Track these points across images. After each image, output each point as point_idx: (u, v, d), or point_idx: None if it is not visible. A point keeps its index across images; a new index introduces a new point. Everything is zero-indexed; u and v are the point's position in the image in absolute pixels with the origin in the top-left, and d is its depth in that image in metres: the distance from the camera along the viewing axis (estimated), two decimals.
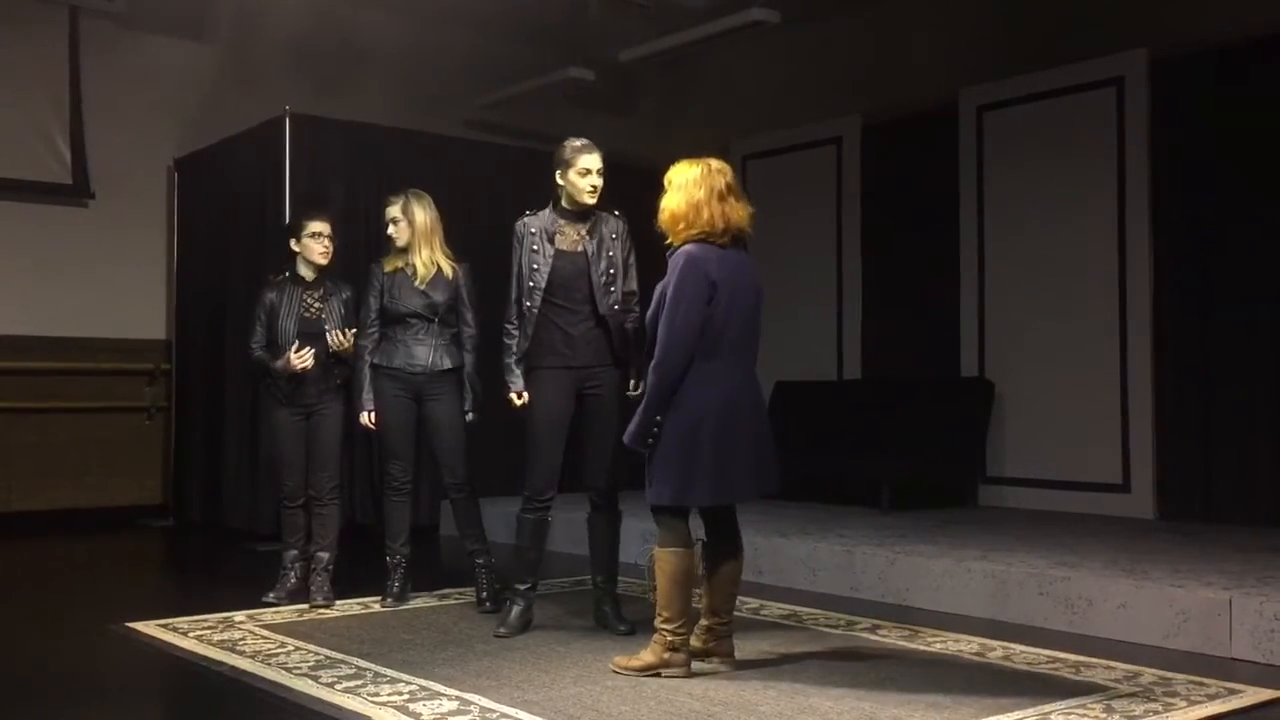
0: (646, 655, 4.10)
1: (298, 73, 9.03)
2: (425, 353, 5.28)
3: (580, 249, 4.74)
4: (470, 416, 5.34)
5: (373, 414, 5.32)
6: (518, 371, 4.77)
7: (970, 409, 8.03)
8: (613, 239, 4.78)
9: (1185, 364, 7.17)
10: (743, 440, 4.08)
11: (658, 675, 4.04)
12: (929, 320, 8.48)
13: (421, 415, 5.34)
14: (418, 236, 5.30)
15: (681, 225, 4.11)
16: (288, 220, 6.72)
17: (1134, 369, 7.33)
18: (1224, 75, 7.06)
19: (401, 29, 9.44)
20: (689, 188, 4.12)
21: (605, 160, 4.76)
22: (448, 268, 5.33)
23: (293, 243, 5.51)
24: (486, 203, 8.12)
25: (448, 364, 5.30)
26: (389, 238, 5.35)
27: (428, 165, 7.71)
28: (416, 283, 5.29)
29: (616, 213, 4.86)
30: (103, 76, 8.57)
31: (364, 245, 7.27)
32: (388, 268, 5.34)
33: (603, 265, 4.73)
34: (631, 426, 4.07)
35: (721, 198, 4.12)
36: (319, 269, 5.47)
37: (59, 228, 8.46)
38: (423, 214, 5.31)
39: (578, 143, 4.75)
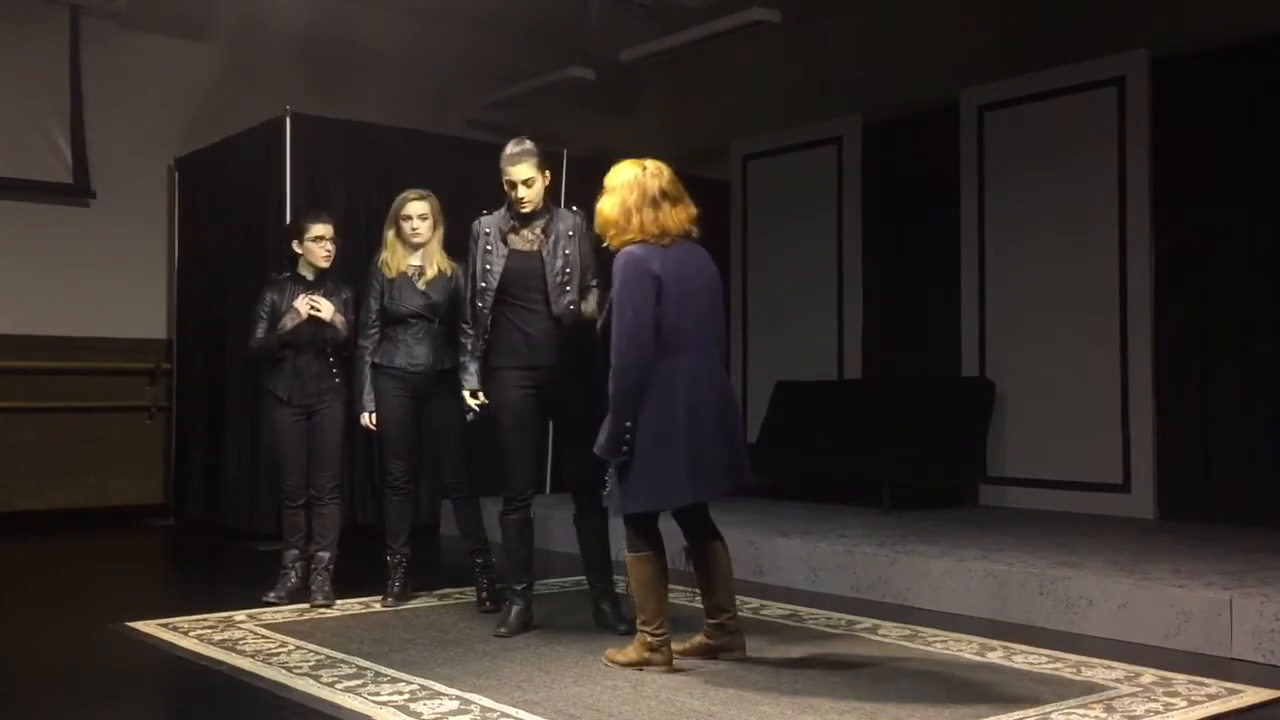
0: (630, 652, 4.14)
1: (299, 72, 9.04)
2: (426, 352, 5.28)
3: (535, 248, 4.73)
4: (470, 415, 5.33)
5: (373, 415, 5.33)
6: (471, 370, 4.82)
7: (971, 408, 8.02)
8: (569, 236, 4.70)
9: (1186, 364, 7.17)
10: (714, 433, 4.03)
11: (641, 670, 4.07)
12: (930, 320, 8.48)
13: (422, 415, 5.34)
14: (435, 236, 5.32)
15: (613, 231, 4.06)
16: (289, 220, 6.74)
17: (1134, 368, 7.33)
18: (1225, 75, 7.06)
19: (403, 29, 9.45)
20: (621, 191, 4.06)
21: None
22: (447, 268, 5.33)
23: (295, 244, 5.52)
24: (487, 203, 8.06)
25: (448, 364, 5.29)
26: (410, 232, 5.29)
27: (429, 165, 7.70)
28: (419, 283, 5.29)
29: (574, 208, 4.81)
30: (104, 76, 8.57)
31: (364, 245, 7.25)
32: (392, 268, 5.32)
33: (558, 264, 4.69)
34: (602, 438, 4.00)
35: (655, 203, 4.04)
36: (320, 270, 5.48)
37: (60, 227, 8.46)
38: (440, 214, 5.34)
39: (508, 150, 4.71)
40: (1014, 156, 7.99)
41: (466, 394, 4.84)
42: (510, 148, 4.72)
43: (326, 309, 5.37)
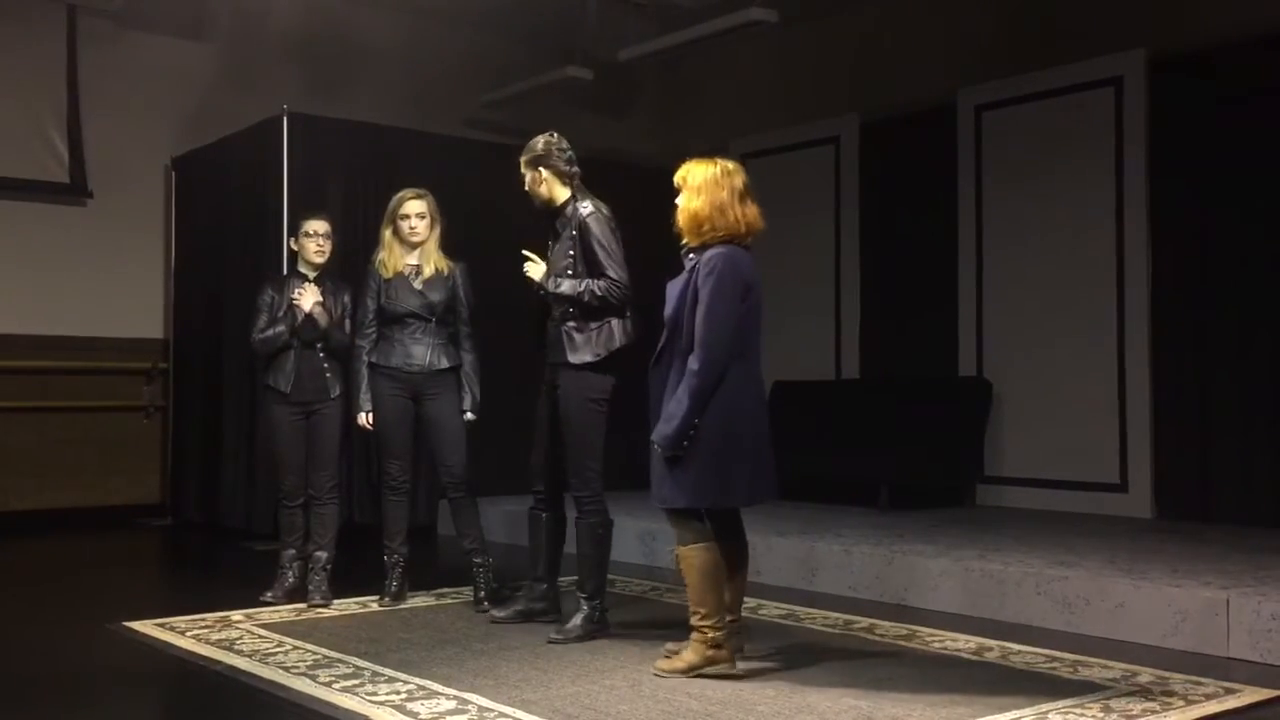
0: (689, 655, 4.05)
1: (296, 71, 9.03)
2: (423, 352, 5.27)
3: (550, 253, 4.80)
4: (468, 416, 5.34)
5: (370, 414, 5.32)
6: None
7: (968, 408, 8.03)
8: (572, 237, 4.70)
9: (1183, 363, 7.18)
10: (766, 442, 4.13)
11: (703, 675, 4.00)
12: (927, 320, 8.48)
13: (419, 414, 5.34)
14: (432, 235, 5.32)
15: (706, 227, 4.06)
16: (286, 220, 6.74)
17: (1131, 368, 7.34)
18: (1222, 75, 7.06)
19: (400, 28, 9.44)
20: (711, 189, 4.07)
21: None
22: (444, 267, 5.33)
23: (291, 241, 5.54)
24: (485, 202, 8.11)
25: (445, 363, 5.30)
26: (408, 231, 5.29)
27: (426, 164, 7.69)
28: (416, 283, 5.29)
29: (584, 204, 4.74)
30: (101, 75, 8.56)
31: (361, 244, 7.25)
32: (389, 268, 5.32)
33: (561, 265, 4.69)
34: (668, 429, 3.97)
35: (742, 199, 4.10)
36: (318, 267, 5.48)
37: (57, 226, 8.45)
38: (437, 213, 5.34)
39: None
40: (1011, 156, 8.00)
41: None
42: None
43: (306, 300, 5.36)
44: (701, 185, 4.09)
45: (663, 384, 4.08)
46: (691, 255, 4.11)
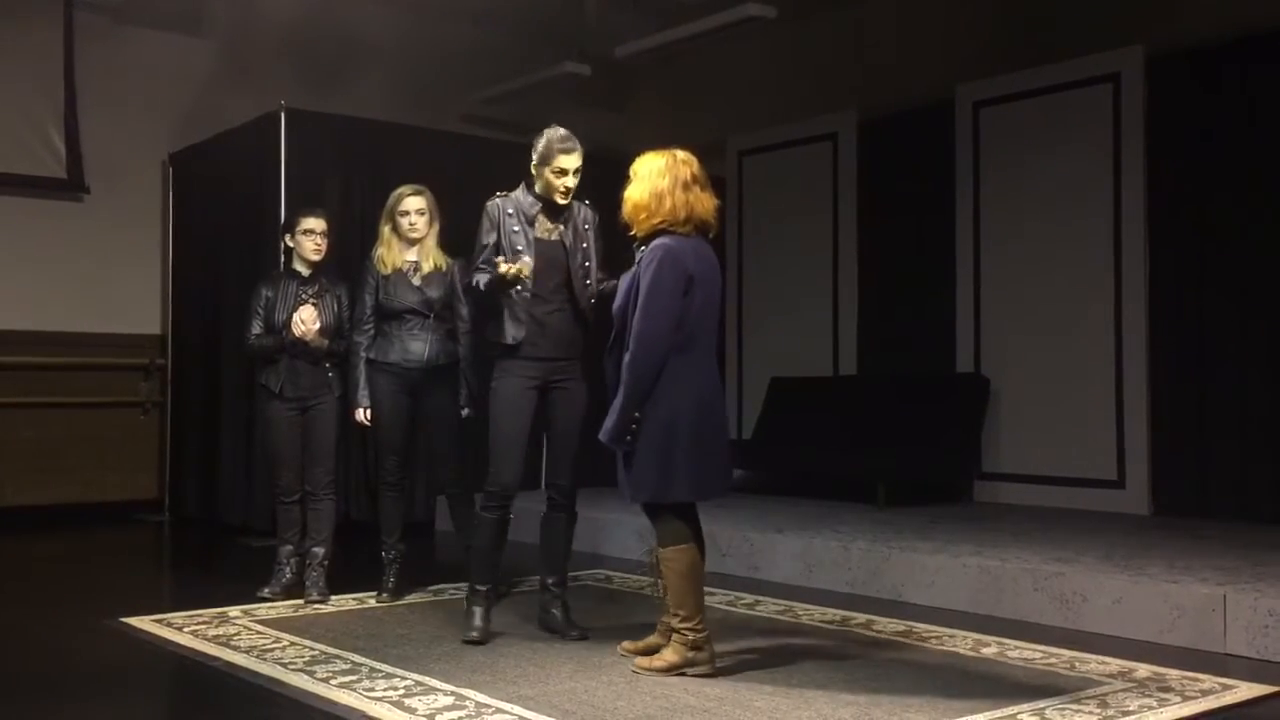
0: (669, 655, 4.05)
1: (293, 67, 9.03)
2: (421, 348, 5.27)
3: (556, 238, 4.60)
4: (466, 411, 5.33)
5: (368, 410, 5.32)
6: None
7: (965, 405, 8.03)
8: (585, 229, 4.65)
9: (1180, 360, 7.18)
10: (717, 436, 4.07)
11: (683, 674, 4.00)
12: (925, 316, 8.48)
13: (417, 411, 5.33)
14: (431, 232, 5.31)
15: (643, 215, 4.05)
16: (283, 216, 6.72)
17: (1129, 365, 7.34)
18: (1220, 72, 7.07)
19: (397, 23, 9.44)
20: (653, 177, 4.06)
21: (590, 156, 4.62)
22: (443, 263, 5.33)
23: (287, 238, 5.52)
24: (482, 198, 8.08)
25: (443, 359, 5.29)
26: (408, 227, 5.28)
27: (423, 160, 7.69)
28: (415, 279, 5.28)
29: (587, 202, 4.73)
30: (98, 70, 8.55)
31: (358, 240, 7.25)
32: (388, 264, 5.31)
33: (579, 257, 4.61)
34: (608, 424, 3.99)
35: (686, 187, 4.05)
36: (314, 265, 5.47)
37: (54, 222, 8.45)
38: (436, 209, 5.33)
39: (559, 138, 4.51)
40: (1009, 153, 8.00)
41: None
42: (560, 132, 4.54)
43: (308, 327, 5.30)
44: (645, 174, 4.08)
45: (614, 374, 4.05)
46: (642, 248, 4.07)
